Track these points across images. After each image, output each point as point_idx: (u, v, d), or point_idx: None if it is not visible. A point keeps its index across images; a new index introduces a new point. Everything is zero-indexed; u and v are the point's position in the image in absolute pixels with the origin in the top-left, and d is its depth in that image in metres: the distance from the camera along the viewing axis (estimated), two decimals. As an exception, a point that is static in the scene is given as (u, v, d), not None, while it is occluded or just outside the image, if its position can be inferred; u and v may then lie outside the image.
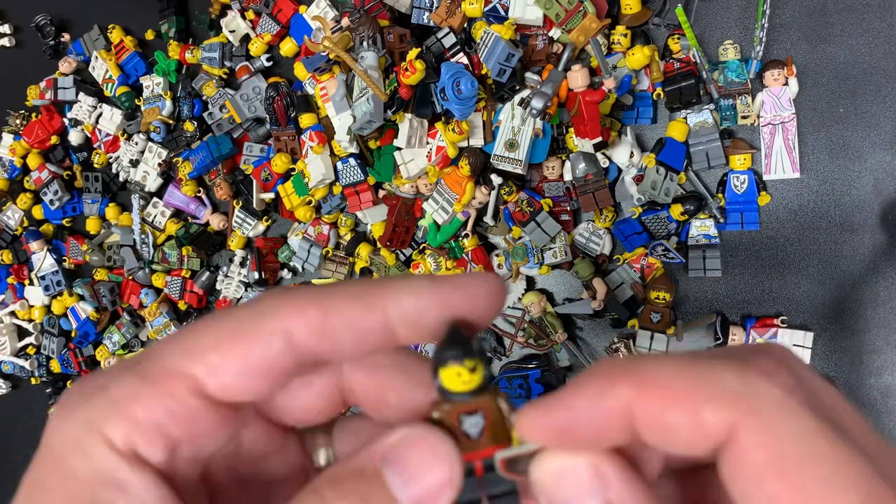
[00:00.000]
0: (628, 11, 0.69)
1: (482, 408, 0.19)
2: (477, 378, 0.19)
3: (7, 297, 1.10)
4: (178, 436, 0.19)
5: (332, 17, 0.80)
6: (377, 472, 0.18)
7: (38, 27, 1.05)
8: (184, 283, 0.94)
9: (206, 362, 0.19)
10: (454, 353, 0.19)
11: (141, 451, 0.18)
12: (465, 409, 0.19)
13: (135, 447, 0.18)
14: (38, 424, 1.09)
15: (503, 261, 0.76)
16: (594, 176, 0.71)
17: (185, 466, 0.19)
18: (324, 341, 0.19)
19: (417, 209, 0.78)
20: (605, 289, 0.72)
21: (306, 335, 0.19)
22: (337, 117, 0.76)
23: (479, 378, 0.19)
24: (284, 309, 0.19)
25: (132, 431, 0.18)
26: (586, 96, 0.66)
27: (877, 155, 0.65)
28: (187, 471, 0.20)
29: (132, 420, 0.18)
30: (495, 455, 0.19)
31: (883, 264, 0.65)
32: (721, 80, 0.68)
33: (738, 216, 0.69)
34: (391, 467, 0.18)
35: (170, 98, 0.92)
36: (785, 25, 0.67)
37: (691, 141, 0.70)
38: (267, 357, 0.19)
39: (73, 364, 1.03)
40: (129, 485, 0.18)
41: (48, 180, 1.01)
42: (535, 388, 0.73)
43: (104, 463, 0.18)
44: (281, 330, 0.19)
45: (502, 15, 0.69)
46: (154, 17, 0.96)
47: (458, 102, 0.68)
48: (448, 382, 0.19)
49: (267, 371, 0.19)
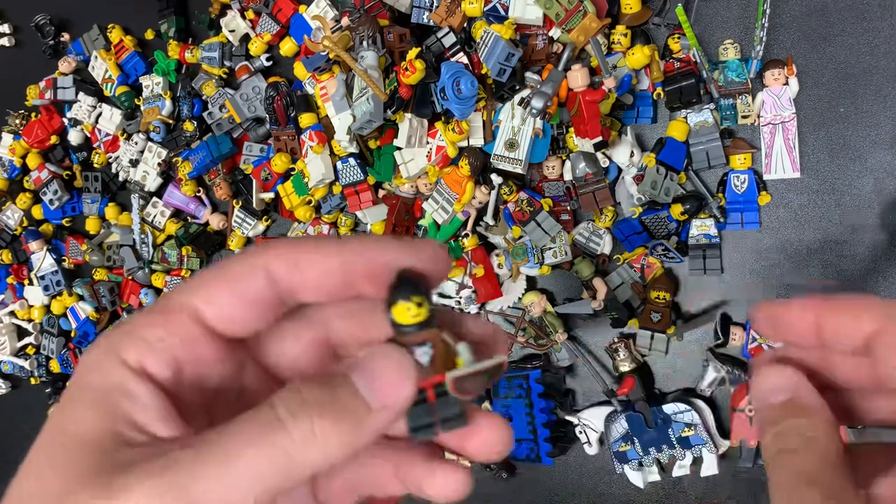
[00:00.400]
0: (628, 11, 0.69)
1: (430, 339, 0.22)
2: (424, 312, 0.22)
3: (7, 296, 1.10)
4: (181, 357, 0.22)
5: (331, 16, 0.80)
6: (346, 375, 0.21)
7: (38, 27, 1.05)
8: (183, 282, 0.94)
9: (202, 295, 0.23)
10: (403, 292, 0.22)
11: (148, 367, 0.22)
12: (414, 340, 0.22)
13: (143, 364, 0.22)
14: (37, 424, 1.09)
15: (503, 260, 0.76)
16: (594, 175, 0.70)
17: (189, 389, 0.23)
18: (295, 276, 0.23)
19: (417, 209, 0.78)
20: (605, 289, 0.72)
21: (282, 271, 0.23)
22: (337, 117, 0.76)
23: (425, 312, 0.22)
24: (265, 251, 0.23)
25: (142, 351, 0.22)
26: (586, 96, 0.66)
27: (877, 155, 0.65)
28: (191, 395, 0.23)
29: (142, 342, 0.22)
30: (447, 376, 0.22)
31: (883, 264, 0.65)
32: (721, 79, 0.68)
33: (739, 216, 0.69)
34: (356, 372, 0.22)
35: (169, 98, 0.92)
36: (785, 25, 0.67)
37: (691, 140, 0.70)
38: (251, 288, 0.23)
39: (73, 364, 1.03)
40: (136, 393, 0.21)
41: (48, 180, 1.01)
42: (535, 387, 0.73)
43: (117, 376, 0.21)
44: (261, 265, 0.23)
45: (502, 14, 0.69)
46: (154, 17, 0.96)
47: (458, 102, 0.68)
48: (399, 317, 0.22)
49: (253, 301, 0.23)
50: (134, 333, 0.22)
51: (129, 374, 0.21)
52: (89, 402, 0.21)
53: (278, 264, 0.23)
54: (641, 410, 0.70)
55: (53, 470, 0.20)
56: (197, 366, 0.23)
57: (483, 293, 0.76)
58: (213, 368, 0.23)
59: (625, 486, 0.74)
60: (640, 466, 0.71)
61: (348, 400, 0.21)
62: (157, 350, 0.22)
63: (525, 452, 0.74)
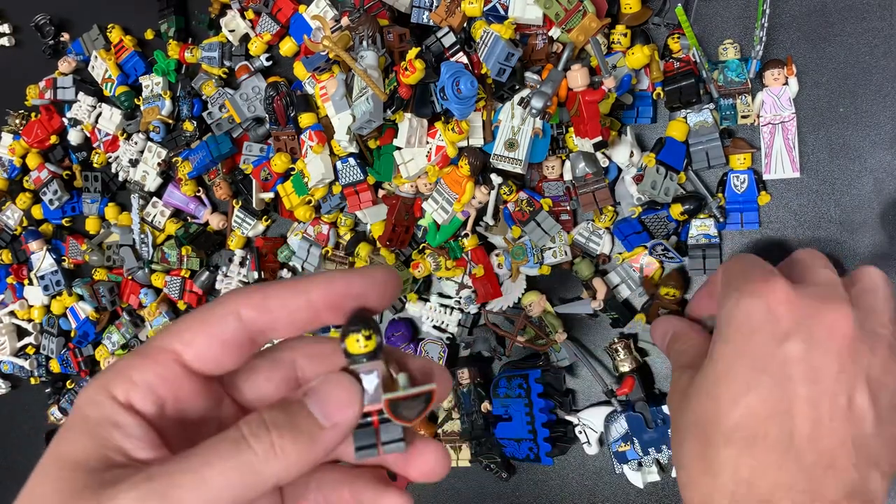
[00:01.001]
0: (628, 11, 0.69)
1: (376, 368, 0.26)
2: (371, 344, 0.25)
3: (6, 296, 1.10)
4: (163, 394, 0.26)
5: (331, 16, 0.80)
6: (300, 401, 0.25)
7: (38, 27, 1.05)
8: (183, 282, 0.94)
9: (181, 339, 0.26)
10: (354, 325, 0.25)
11: (135, 403, 0.25)
12: (363, 369, 0.26)
13: (130, 400, 0.25)
14: (37, 424, 1.09)
15: (503, 260, 0.76)
16: (594, 175, 0.70)
17: (171, 422, 0.26)
18: (264, 317, 0.26)
19: (417, 209, 0.78)
20: (605, 288, 0.72)
21: (252, 314, 0.26)
22: (336, 117, 0.76)
23: (373, 344, 0.26)
24: (235, 297, 0.27)
25: (129, 389, 0.25)
26: (586, 96, 0.66)
27: (877, 155, 0.65)
28: (174, 426, 0.26)
29: (130, 381, 0.25)
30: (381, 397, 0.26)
31: (883, 264, 0.65)
32: (721, 79, 0.68)
33: (738, 216, 0.69)
34: (310, 396, 0.25)
35: (169, 98, 0.92)
36: (785, 25, 0.67)
37: (691, 140, 0.70)
38: (225, 331, 0.26)
39: (73, 364, 1.03)
40: (124, 424, 0.25)
41: (47, 180, 1.01)
42: (535, 387, 0.73)
43: (108, 410, 0.25)
44: (232, 311, 0.26)
45: (502, 14, 0.69)
46: (153, 17, 0.96)
47: (458, 102, 0.68)
48: (350, 347, 0.25)
49: (226, 342, 0.26)
50: (122, 373, 0.26)
51: (118, 408, 0.25)
52: (82, 432, 0.25)
53: (248, 309, 0.26)
54: (641, 410, 0.70)
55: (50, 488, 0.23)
56: (178, 401, 0.26)
57: (483, 293, 0.76)
58: (193, 403, 0.27)
59: (625, 486, 0.74)
60: (640, 466, 0.71)
61: (302, 420, 0.25)
62: (141, 388, 0.25)
63: (525, 452, 0.74)
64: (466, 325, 0.79)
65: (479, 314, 0.79)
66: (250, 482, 0.23)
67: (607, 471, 0.75)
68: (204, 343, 0.26)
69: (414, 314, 0.83)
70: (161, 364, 0.26)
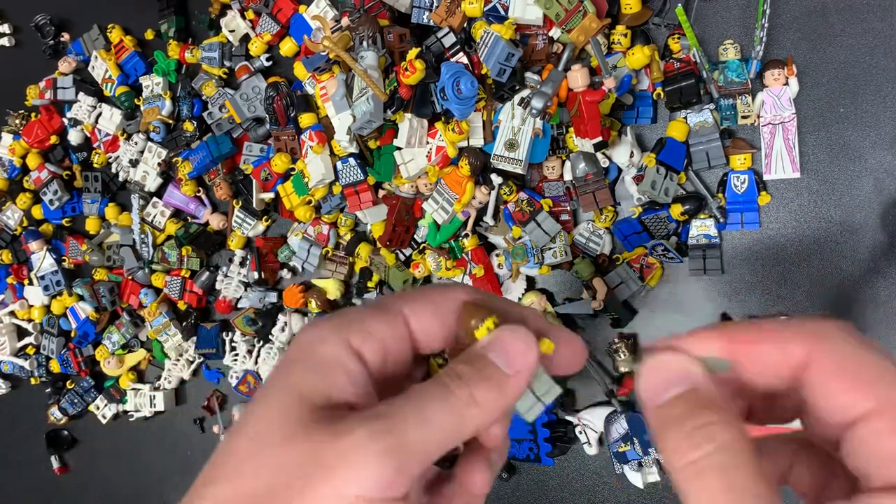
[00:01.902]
0: (628, 11, 0.69)
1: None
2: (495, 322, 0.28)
3: (7, 296, 1.10)
4: (389, 349, 0.27)
5: (331, 16, 0.80)
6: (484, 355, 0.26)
7: (38, 27, 1.05)
8: (183, 282, 0.94)
9: (412, 308, 0.28)
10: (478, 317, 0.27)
11: (365, 353, 0.26)
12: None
13: (361, 349, 0.26)
14: (37, 424, 1.09)
15: (503, 261, 0.76)
16: (594, 176, 0.70)
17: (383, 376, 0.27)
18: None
19: (417, 209, 0.78)
20: (605, 289, 0.72)
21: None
22: (337, 117, 0.76)
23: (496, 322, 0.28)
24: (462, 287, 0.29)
25: (363, 338, 0.27)
26: (586, 96, 0.66)
27: (877, 155, 0.65)
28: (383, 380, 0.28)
29: (366, 331, 0.27)
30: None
31: (883, 264, 0.65)
32: (721, 79, 0.68)
33: (739, 216, 0.69)
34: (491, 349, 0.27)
35: (169, 98, 0.92)
36: (785, 25, 0.67)
37: (691, 141, 0.70)
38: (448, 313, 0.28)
39: (73, 364, 1.03)
40: (352, 371, 0.26)
41: (48, 180, 1.01)
42: (535, 388, 0.72)
43: (341, 354, 0.26)
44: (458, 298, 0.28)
45: (502, 14, 0.69)
46: (154, 17, 0.96)
47: (458, 102, 0.68)
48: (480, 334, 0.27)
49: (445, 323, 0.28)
50: (359, 323, 0.27)
51: (350, 354, 0.26)
52: (313, 369, 0.26)
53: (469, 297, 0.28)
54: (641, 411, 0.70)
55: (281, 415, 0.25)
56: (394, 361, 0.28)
57: (483, 293, 0.75)
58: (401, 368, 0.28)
59: (625, 486, 0.74)
60: (640, 466, 0.71)
61: (491, 371, 0.26)
62: (375, 340, 0.27)
63: (525, 452, 0.74)
64: (466, 325, 0.79)
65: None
66: (459, 426, 0.25)
67: (608, 471, 0.75)
68: (429, 318, 0.28)
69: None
70: (394, 322, 0.28)
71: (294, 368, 0.26)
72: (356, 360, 0.26)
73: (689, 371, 0.24)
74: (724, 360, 0.25)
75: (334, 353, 0.26)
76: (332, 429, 0.24)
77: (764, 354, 0.25)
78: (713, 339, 0.25)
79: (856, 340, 0.23)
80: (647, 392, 0.25)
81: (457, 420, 0.25)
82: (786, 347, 0.24)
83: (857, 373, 0.23)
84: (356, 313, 0.28)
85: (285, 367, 0.27)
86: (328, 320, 0.27)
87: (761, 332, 0.25)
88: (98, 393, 1.04)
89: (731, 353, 0.25)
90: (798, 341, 0.24)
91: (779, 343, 0.24)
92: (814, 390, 0.24)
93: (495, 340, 0.27)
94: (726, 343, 0.25)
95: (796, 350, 0.24)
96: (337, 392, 0.25)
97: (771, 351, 0.24)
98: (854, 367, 0.23)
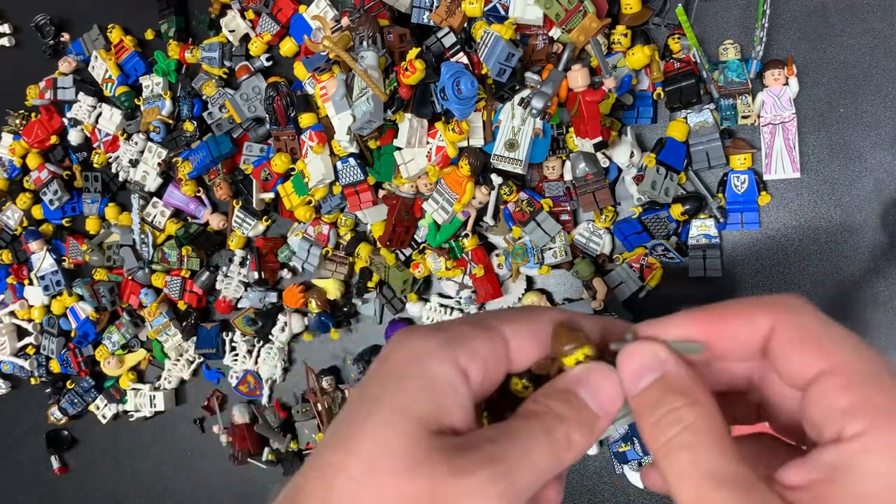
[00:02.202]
0: (628, 11, 0.69)
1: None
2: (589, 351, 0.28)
3: (7, 296, 1.10)
4: (490, 369, 0.27)
5: (331, 16, 0.80)
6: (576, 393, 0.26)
7: (38, 27, 1.05)
8: (183, 282, 0.94)
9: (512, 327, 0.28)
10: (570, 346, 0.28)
11: (470, 372, 0.26)
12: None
13: (467, 368, 0.26)
14: (37, 424, 1.09)
15: (503, 261, 0.76)
16: (594, 176, 0.70)
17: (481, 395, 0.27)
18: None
19: (417, 209, 0.78)
20: (605, 289, 0.72)
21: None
22: (337, 117, 0.76)
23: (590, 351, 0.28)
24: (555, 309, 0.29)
25: (470, 357, 0.26)
26: (586, 96, 0.66)
27: (877, 155, 0.65)
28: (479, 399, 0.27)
29: (473, 351, 0.26)
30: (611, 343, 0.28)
31: (883, 264, 0.65)
32: (721, 79, 0.68)
33: (739, 216, 0.69)
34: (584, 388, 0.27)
35: (169, 98, 0.92)
36: (785, 25, 0.67)
37: (691, 141, 0.70)
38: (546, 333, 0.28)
39: (73, 364, 1.03)
40: (460, 392, 0.26)
41: (48, 180, 1.01)
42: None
43: (451, 374, 0.26)
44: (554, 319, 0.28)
45: (502, 14, 0.69)
46: (154, 17, 0.96)
47: (458, 102, 0.68)
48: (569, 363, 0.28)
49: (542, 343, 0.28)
50: (466, 342, 0.27)
51: (457, 372, 0.26)
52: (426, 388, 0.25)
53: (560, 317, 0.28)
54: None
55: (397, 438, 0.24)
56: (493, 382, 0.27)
57: (483, 293, 0.76)
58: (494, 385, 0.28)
59: (625, 486, 0.74)
60: (640, 466, 0.71)
61: (585, 413, 0.26)
62: (479, 359, 0.26)
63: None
64: (466, 325, 0.79)
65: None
66: (556, 467, 0.25)
67: (608, 471, 0.75)
68: (527, 338, 0.28)
69: (414, 314, 0.83)
70: (497, 342, 0.27)
71: (407, 386, 0.25)
72: (464, 380, 0.26)
73: (659, 358, 0.26)
74: (697, 343, 0.27)
75: (446, 373, 0.26)
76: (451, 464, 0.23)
77: (733, 329, 0.26)
78: (686, 322, 0.27)
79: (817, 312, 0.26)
80: (625, 383, 0.27)
81: (556, 462, 0.25)
82: (753, 320, 0.26)
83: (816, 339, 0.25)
84: (459, 329, 0.27)
85: (395, 382, 0.26)
86: (433, 334, 0.27)
87: (729, 308, 0.27)
88: (98, 393, 1.04)
89: (703, 333, 0.27)
90: (764, 313, 0.26)
91: (746, 317, 0.26)
92: (777, 358, 0.26)
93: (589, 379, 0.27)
94: (698, 325, 0.27)
95: (762, 321, 0.26)
96: (447, 416, 0.25)
97: (739, 324, 0.26)
98: (813, 334, 0.25)
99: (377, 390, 0.26)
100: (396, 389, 0.25)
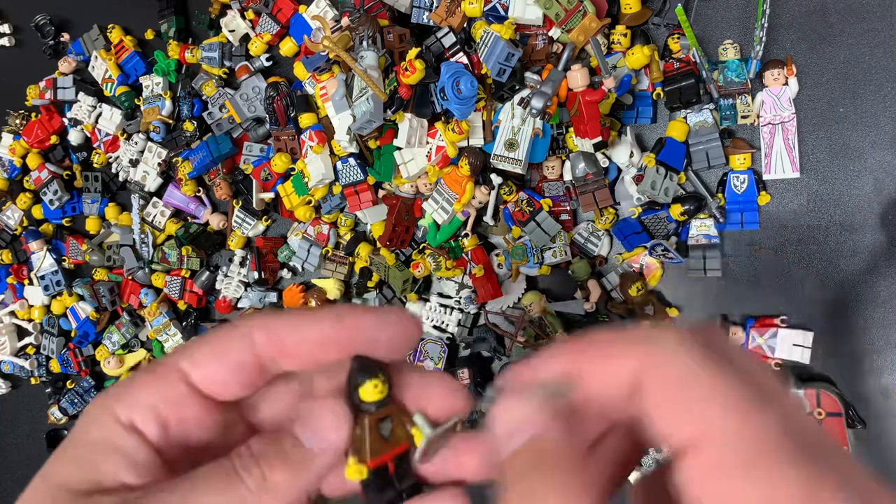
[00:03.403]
0: (628, 11, 0.69)
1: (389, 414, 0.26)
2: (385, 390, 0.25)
3: (7, 296, 1.10)
4: (167, 415, 0.24)
5: (331, 16, 0.80)
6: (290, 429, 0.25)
7: (38, 27, 1.05)
8: (183, 282, 0.94)
9: (191, 359, 0.25)
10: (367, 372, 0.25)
11: (138, 424, 0.24)
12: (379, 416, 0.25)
13: (133, 421, 0.24)
14: (37, 424, 1.09)
15: (503, 260, 0.76)
16: (594, 176, 0.70)
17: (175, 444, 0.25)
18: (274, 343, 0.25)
19: (417, 209, 0.78)
20: (599, 291, 0.72)
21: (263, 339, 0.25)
22: (337, 117, 0.76)
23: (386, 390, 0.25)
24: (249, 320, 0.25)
25: (132, 409, 0.24)
26: (586, 96, 0.66)
27: (877, 155, 0.65)
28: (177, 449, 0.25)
29: (134, 400, 0.24)
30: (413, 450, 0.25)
31: (883, 264, 0.65)
32: (721, 79, 0.68)
33: (738, 216, 0.69)
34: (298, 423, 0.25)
35: (169, 98, 0.92)
36: (785, 25, 0.67)
37: (691, 140, 0.70)
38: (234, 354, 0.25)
39: (73, 364, 1.03)
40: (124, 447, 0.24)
41: (48, 180, 1.01)
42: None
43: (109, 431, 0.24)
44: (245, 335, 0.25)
45: (502, 14, 0.69)
46: (154, 17, 0.96)
47: (458, 102, 0.68)
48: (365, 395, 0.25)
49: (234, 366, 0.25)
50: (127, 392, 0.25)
51: (119, 428, 0.24)
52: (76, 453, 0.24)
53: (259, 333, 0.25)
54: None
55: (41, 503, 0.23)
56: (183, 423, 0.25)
57: (483, 293, 0.76)
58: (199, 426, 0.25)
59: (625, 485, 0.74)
60: (640, 466, 0.71)
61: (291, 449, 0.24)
62: (144, 408, 0.24)
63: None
64: (466, 324, 0.79)
65: (479, 314, 0.79)
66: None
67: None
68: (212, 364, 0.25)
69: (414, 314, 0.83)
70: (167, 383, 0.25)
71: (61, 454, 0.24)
72: (128, 434, 0.24)
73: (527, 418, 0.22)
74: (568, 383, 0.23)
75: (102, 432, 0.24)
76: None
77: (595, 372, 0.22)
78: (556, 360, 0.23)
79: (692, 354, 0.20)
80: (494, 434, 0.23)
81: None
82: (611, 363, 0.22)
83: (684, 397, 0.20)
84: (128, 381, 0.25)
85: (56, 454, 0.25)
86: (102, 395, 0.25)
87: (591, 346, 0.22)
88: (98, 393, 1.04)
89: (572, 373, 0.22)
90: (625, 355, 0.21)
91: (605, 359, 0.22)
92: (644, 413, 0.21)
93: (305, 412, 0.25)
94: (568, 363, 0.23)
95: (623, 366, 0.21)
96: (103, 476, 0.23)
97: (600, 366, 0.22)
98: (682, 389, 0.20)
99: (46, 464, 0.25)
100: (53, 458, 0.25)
